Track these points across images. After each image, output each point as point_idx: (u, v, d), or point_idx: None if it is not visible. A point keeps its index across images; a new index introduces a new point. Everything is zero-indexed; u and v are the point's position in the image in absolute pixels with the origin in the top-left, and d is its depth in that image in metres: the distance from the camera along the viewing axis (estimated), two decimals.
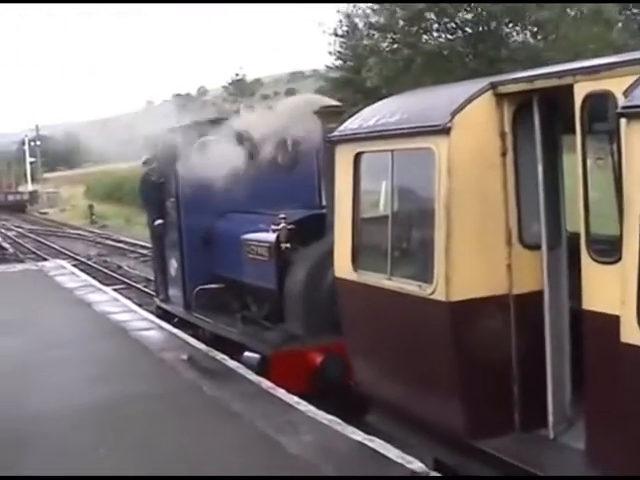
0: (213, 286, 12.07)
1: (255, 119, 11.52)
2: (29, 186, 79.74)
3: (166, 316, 13.46)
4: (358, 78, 38.73)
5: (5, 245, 32.42)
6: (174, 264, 13.09)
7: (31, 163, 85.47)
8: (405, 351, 6.88)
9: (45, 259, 25.87)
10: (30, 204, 69.96)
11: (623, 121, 4.93)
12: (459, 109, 6.21)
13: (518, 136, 6.26)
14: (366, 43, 39.27)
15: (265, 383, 9.06)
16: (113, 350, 11.20)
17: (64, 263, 22.36)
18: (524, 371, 6.23)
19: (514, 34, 36.70)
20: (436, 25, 37.41)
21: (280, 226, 10.34)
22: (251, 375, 9.43)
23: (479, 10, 35.45)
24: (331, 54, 43.10)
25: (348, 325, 7.80)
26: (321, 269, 9.62)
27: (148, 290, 19.70)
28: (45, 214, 61.91)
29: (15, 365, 10.42)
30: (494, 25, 35.80)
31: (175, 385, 9.34)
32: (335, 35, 41.90)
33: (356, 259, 7.47)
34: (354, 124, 7.58)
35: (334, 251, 7.88)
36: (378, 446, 7.02)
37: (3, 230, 43.70)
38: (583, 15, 35.22)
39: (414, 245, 7.12)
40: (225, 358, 10.26)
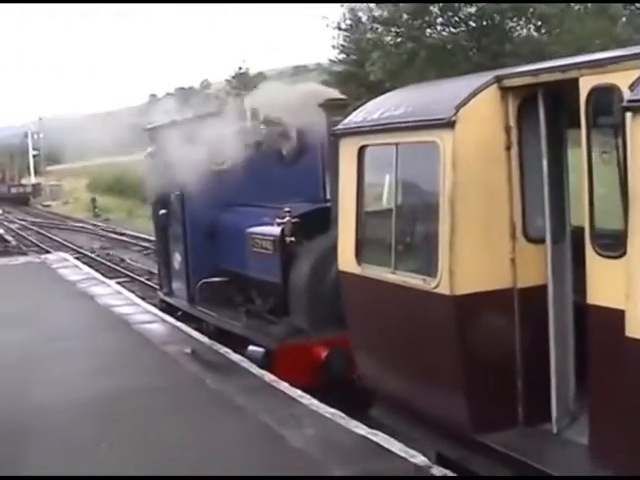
0: (217, 279, 12.06)
1: (261, 103, 11.45)
2: (32, 179, 79.68)
3: (169, 309, 13.46)
4: (362, 72, 38.59)
5: (8, 237, 32.40)
6: (178, 257, 13.07)
7: (34, 156, 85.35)
8: (409, 345, 6.87)
9: (48, 252, 25.87)
10: (33, 197, 69.93)
11: (629, 115, 4.91)
12: (464, 103, 6.19)
13: (523, 130, 6.24)
14: (370, 37, 39.09)
15: (268, 376, 9.06)
16: (116, 343, 11.20)
17: (67, 256, 22.39)
18: (528, 365, 6.22)
19: (518, 28, 36.57)
20: (440, 19, 37.29)
21: (285, 219, 10.33)
22: (254, 368, 9.42)
23: (483, 4, 35.34)
24: (334, 48, 42.99)
25: (352, 319, 7.78)
26: (326, 263, 9.60)
27: (151, 283, 19.69)
28: (48, 207, 61.88)
29: (18, 358, 10.43)
30: (498, 19, 35.66)
31: (178, 378, 9.34)
32: (339, 29, 41.73)
33: (360, 253, 7.44)
34: (358, 117, 7.56)
35: (338, 245, 7.86)
36: (381, 440, 7.02)
37: (6, 222, 43.70)
38: (587, 10, 35.10)
39: (418, 239, 7.10)
40: (228, 351, 10.25)
